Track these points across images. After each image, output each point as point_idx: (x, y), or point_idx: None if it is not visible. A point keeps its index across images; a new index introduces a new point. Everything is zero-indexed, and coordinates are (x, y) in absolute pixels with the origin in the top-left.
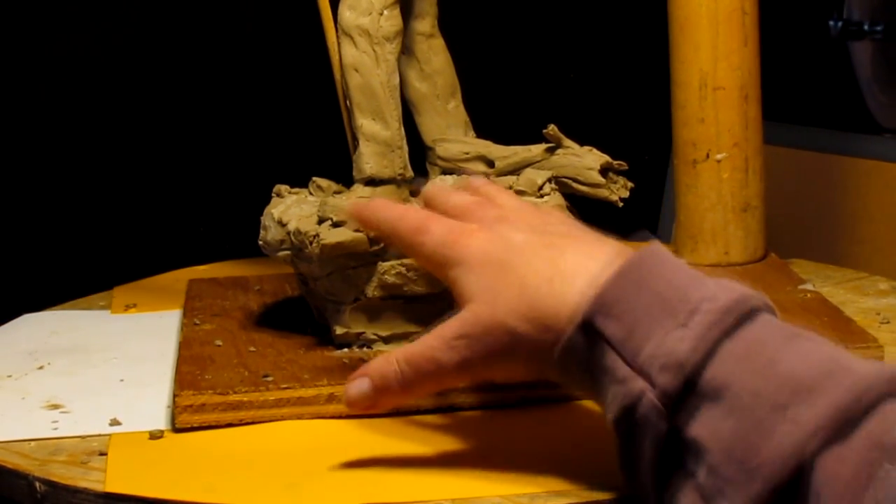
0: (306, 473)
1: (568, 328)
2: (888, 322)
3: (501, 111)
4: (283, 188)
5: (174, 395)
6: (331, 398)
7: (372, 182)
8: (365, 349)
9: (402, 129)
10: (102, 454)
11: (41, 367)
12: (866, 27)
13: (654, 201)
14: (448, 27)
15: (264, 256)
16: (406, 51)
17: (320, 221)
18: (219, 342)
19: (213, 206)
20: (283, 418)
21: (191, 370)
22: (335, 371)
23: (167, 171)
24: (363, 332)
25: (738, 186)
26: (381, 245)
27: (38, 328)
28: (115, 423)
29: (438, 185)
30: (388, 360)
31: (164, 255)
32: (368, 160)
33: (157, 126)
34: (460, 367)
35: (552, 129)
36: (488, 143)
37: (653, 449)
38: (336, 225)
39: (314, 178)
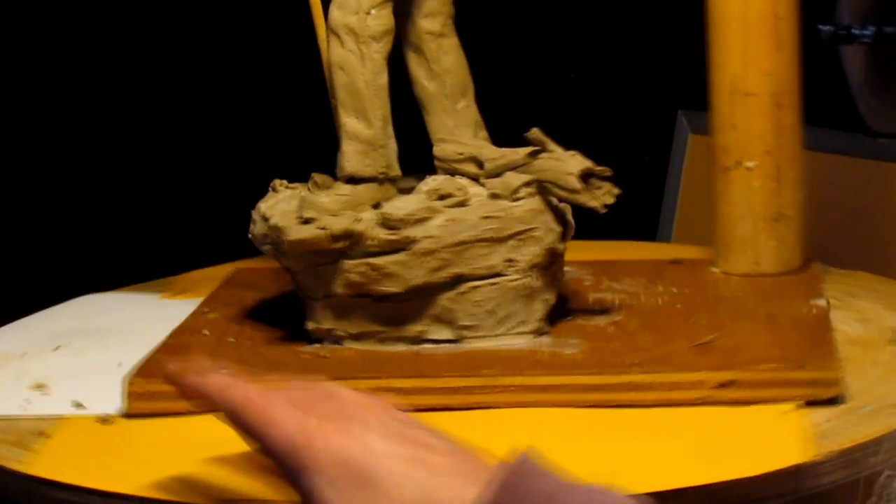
0: (222, 465)
1: None
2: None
3: (501, 111)
4: (279, 183)
5: (127, 383)
6: None
7: (352, 180)
8: (335, 345)
9: (389, 128)
10: (45, 436)
11: (57, 348)
12: (856, 31)
13: (655, 202)
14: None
15: None
16: (416, 49)
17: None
18: (206, 332)
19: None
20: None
21: (160, 358)
22: (290, 366)
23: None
24: (333, 329)
25: (769, 196)
26: (346, 243)
27: (87, 308)
28: (77, 405)
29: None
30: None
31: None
32: (349, 158)
33: (181, 123)
34: None
35: (534, 132)
36: (484, 144)
37: None
38: (306, 222)
39: (313, 174)
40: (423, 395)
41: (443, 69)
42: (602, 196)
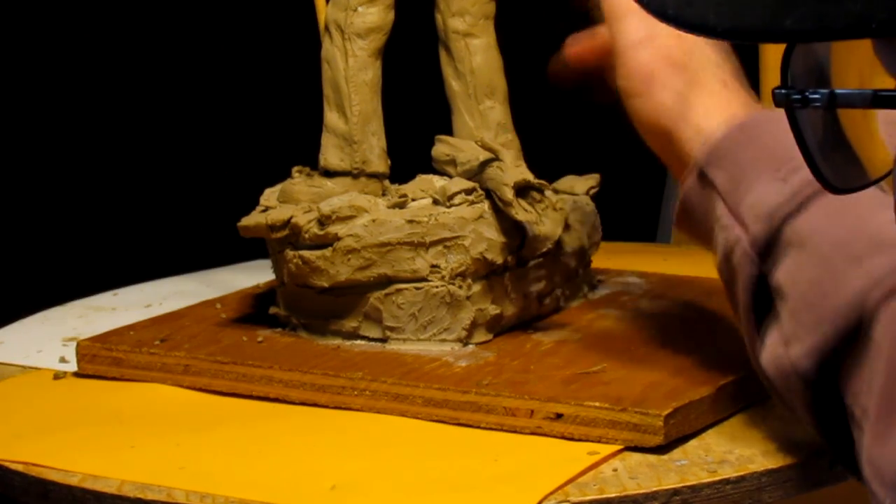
0: (125, 436)
1: (688, 177)
2: None
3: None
4: (297, 169)
5: (78, 343)
6: (186, 369)
7: (328, 173)
8: (290, 331)
9: (372, 124)
10: None
11: (148, 306)
12: (809, 94)
13: (655, 203)
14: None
15: None
16: (445, 48)
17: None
18: (218, 305)
19: None
20: (150, 381)
21: (142, 323)
22: (219, 347)
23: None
24: (289, 315)
25: None
26: (285, 233)
27: (236, 271)
28: (63, 360)
29: None
30: None
31: None
32: (325, 152)
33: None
34: None
35: (481, 140)
36: (469, 146)
37: (746, 292)
38: (266, 209)
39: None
40: (301, 389)
41: (468, 69)
42: (542, 211)
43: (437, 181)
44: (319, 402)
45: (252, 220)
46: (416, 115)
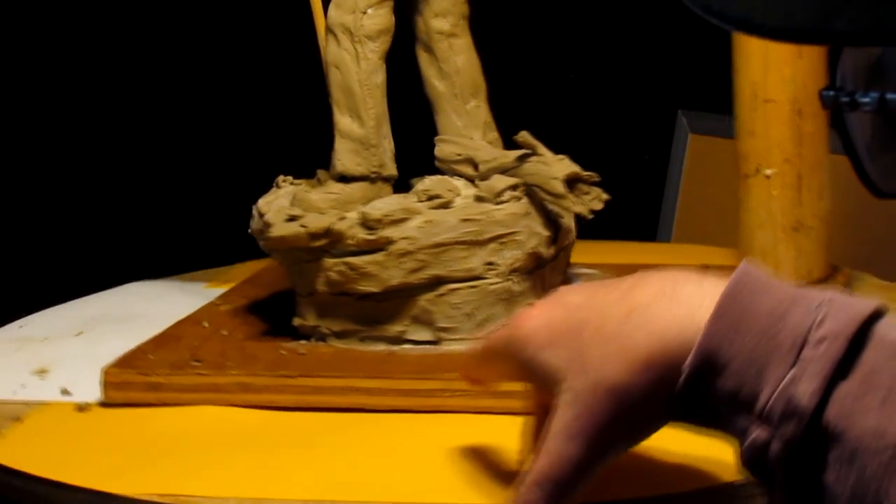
0: (190, 459)
1: (674, 376)
2: None
3: (501, 111)
4: (283, 179)
5: (104, 372)
6: (243, 387)
7: (343, 178)
8: (319, 342)
9: (384, 127)
10: (18, 421)
11: (79, 334)
12: (858, 98)
13: (655, 202)
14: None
15: None
16: (427, 49)
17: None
18: (206, 324)
19: None
20: (197, 403)
21: (147, 347)
22: (262, 362)
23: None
24: (318, 326)
25: (789, 205)
26: (325, 241)
27: (128, 295)
28: (64, 392)
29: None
30: (526, 491)
31: None
32: (341, 157)
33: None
34: (593, 451)
35: (522, 135)
36: (483, 145)
37: (784, 495)
38: (292, 219)
39: (318, 171)
40: (386, 396)
41: (453, 69)
42: (590, 202)
43: (456, 181)
44: (410, 408)
45: (288, 230)
46: (398, 117)
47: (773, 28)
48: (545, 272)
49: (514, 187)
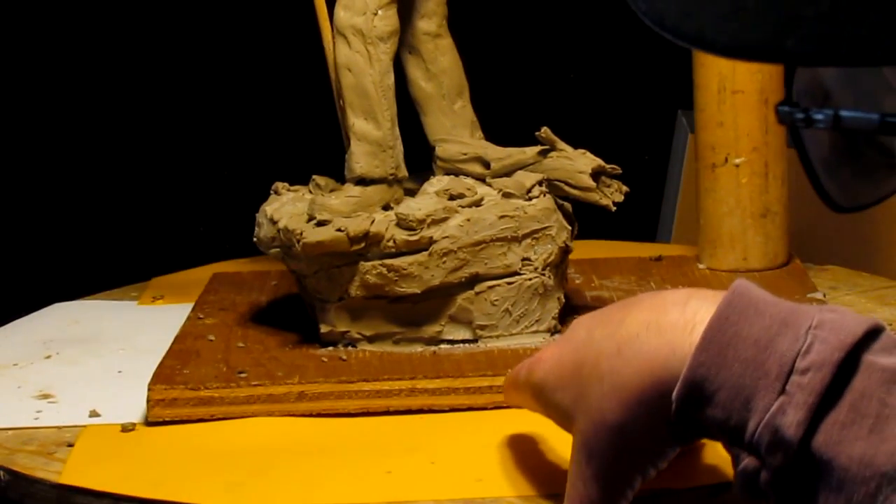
0: (259, 471)
1: (668, 407)
2: None
3: (501, 111)
4: (281, 185)
5: (148, 389)
6: (301, 396)
7: (362, 181)
8: (349, 348)
9: (396, 128)
10: (70, 445)
11: (48, 357)
12: (813, 115)
13: (655, 202)
14: (448, 27)
15: None
16: (412, 50)
17: (309, 220)
18: (212, 337)
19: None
20: (253, 415)
21: (172, 364)
22: (310, 369)
23: (188, 170)
24: (348, 331)
25: (757, 192)
26: (363, 245)
27: (63, 317)
28: (94, 414)
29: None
30: None
31: (202, 248)
32: (359, 160)
33: (171, 125)
34: (610, 490)
35: (545, 131)
36: (487, 144)
37: None
38: (320, 224)
39: (314, 177)
40: (449, 395)
41: (440, 70)
42: (612, 194)
43: (467, 180)
44: (476, 405)
45: (324, 235)
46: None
47: (724, 46)
48: (566, 266)
49: (539, 182)
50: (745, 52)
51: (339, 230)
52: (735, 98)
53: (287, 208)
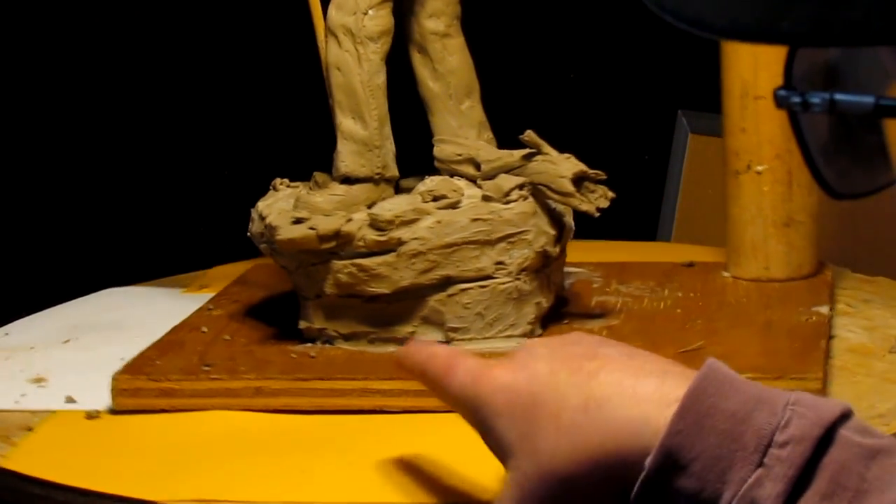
0: (190, 464)
1: (626, 474)
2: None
3: (501, 111)
4: (280, 182)
5: (112, 379)
6: (258, 391)
7: (347, 180)
8: (326, 345)
9: (386, 128)
10: (29, 430)
11: (66, 342)
12: (809, 99)
13: (655, 202)
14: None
15: None
16: (421, 50)
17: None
18: (205, 329)
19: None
20: (211, 408)
21: (151, 354)
22: (276, 365)
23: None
24: (325, 329)
25: (779, 200)
26: (334, 243)
27: (104, 302)
28: (69, 400)
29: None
30: None
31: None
32: (344, 158)
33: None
34: None
35: (528, 134)
36: (483, 145)
37: None
38: (298, 221)
39: (315, 173)
40: (400, 397)
41: (447, 70)
42: (596, 200)
43: (458, 181)
44: (426, 408)
45: (297, 232)
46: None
47: (721, 28)
48: (551, 271)
49: (521, 186)
50: (742, 34)
51: (311, 228)
52: (757, 104)
53: (279, 204)
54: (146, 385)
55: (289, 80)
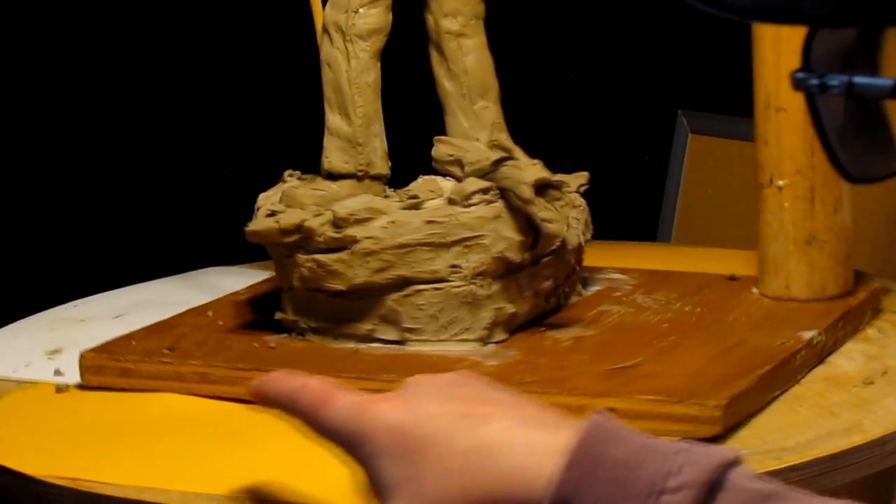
0: (115, 444)
1: None
2: (872, 383)
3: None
4: (289, 174)
5: (80, 356)
6: (203, 377)
7: (331, 176)
8: (299, 337)
9: (374, 126)
10: None
11: (118, 317)
12: (828, 81)
13: (655, 202)
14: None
15: None
16: (437, 48)
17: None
18: (210, 313)
19: None
20: (163, 390)
21: (138, 333)
22: (231, 354)
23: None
24: (297, 321)
25: (800, 217)
26: (297, 237)
27: (192, 281)
28: (57, 373)
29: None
30: None
31: None
32: (328, 154)
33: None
34: None
35: (497, 138)
36: (475, 146)
37: None
38: (272, 214)
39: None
40: None
41: (461, 69)
42: (560, 208)
43: (442, 182)
44: None
45: (262, 224)
46: (409, 116)
47: (742, 8)
48: (521, 277)
49: (485, 191)
50: (763, 14)
51: (275, 221)
52: (779, 116)
53: (275, 197)
54: (107, 364)
55: (290, 79)
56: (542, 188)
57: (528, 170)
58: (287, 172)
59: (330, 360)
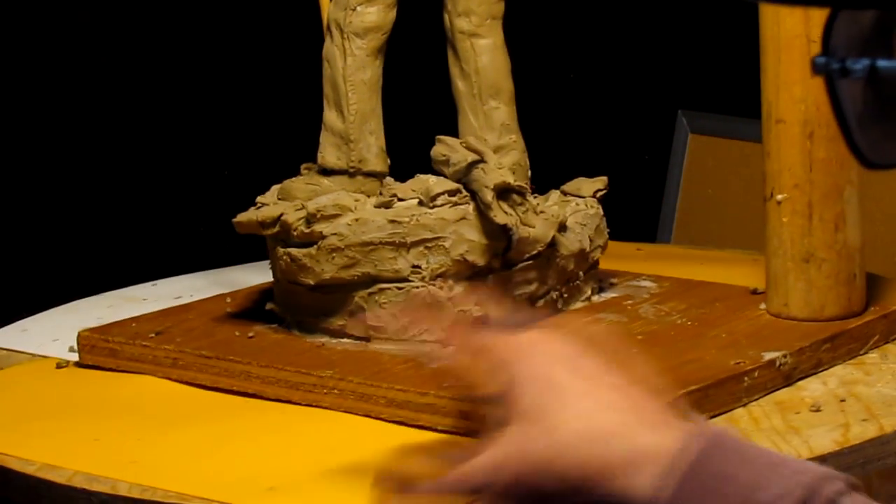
0: (69, 422)
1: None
2: (818, 410)
3: None
4: (305, 167)
5: (78, 334)
6: (174, 363)
7: (324, 171)
8: (284, 328)
9: (369, 123)
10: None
11: (177, 298)
12: (849, 65)
13: (655, 202)
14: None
15: None
16: (452, 47)
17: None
18: (229, 299)
19: None
20: (141, 372)
21: (146, 317)
22: (207, 341)
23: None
24: (283, 312)
25: (798, 233)
26: (276, 230)
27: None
28: (71, 350)
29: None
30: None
31: None
32: (322, 150)
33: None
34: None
35: (466, 141)
36: (470, 145)
37: None
38: (261, 206)
39: None
40: (274, 385)
41: (473, 69)
42: (523, 213)
43: (429, 181)
44: (292, 399)
45: (245, 216)
46: (422, 114)
47: None
48: (491, 282)
49: (451, 192)
50: None
51: (256, 214)
52: (778, 128)
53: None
54: (99, 343)
55: (291, 79)
56: (504, 193)
57: (491, 174)
58: (304, 166)
59: (294, 353)
